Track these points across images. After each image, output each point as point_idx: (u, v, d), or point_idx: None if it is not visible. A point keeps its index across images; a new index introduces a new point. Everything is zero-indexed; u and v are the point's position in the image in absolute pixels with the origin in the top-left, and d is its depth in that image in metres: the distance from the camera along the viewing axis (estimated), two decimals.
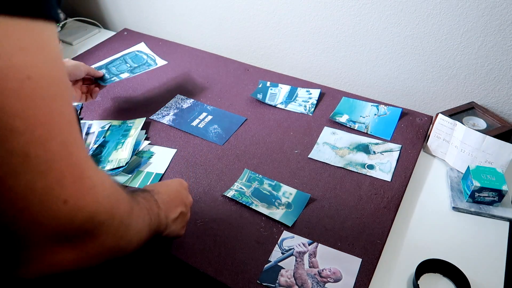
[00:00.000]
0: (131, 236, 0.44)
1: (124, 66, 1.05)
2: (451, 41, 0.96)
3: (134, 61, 1.06)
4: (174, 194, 0.64)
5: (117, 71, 1.04)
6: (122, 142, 0.96)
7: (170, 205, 0.62)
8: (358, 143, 0.96)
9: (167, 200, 0.61)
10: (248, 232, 0.77)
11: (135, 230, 0.45)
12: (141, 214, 0.48)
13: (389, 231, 0.77)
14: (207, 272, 0.70)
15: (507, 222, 0.80)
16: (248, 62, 1.29)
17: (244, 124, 1.03)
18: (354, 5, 1.03)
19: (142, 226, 0.48)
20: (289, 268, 0.70)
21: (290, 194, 0.84)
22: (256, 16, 1.21)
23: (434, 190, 0.87)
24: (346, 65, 1.15)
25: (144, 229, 0.48)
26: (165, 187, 0.64)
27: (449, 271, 0.70)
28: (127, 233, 0.43)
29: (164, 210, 0.59)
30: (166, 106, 1.10)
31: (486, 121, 0.94)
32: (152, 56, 1.10)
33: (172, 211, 0.62)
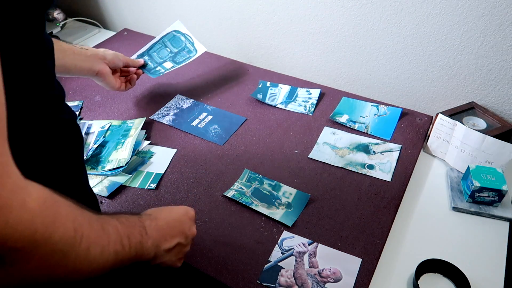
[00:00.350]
0: (77, 265, 0.40)
1: (165, 51, 1.04)
2: (451, 41, 0.96)
3: (173, 44, 1.05)
4: (174, 222, 0.60)
5: (159, 57, 1.03)
6: (122, 142, 0.96)
7: (165, 234, 0.57)
8: (358, 143, 0.96)
9: (164, 228, 0.57)
10: (248, 232, 0.77)
11: (85, 258, 0.41)
12: (101, 242, 0.43)
13: (389, 231, 0.77)
14: (207, 272, 0.70)
15: (507, 222, 0.80)
16: (248, 62, 1.29)
17: (244, 124, 1.03)
18: (354, 5, 1.03)
19: (99, 254, 0.43)
20: (289, 268, 0.70)
21: (290, 194, 0.84)
22: (256, 16, 1.21)
23: (434, 190, 0.87)
24: (346, 65, 1.15)
25: (105, 257, 0.44)
26: (165, 213, 0.61)
27: (449, 271, 0.70)
28: (67, 261, 0.39)
29: (155, 238, 0.54)
30: (166, 106, 1.10)
31: (486, 121, 0.94)
32: (190, 38, 1.06)
33: (167, 241, 0.57)
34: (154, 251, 0.54)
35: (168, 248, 0.58)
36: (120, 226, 0.48)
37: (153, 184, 0.87)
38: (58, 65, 0.81)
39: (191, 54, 1.04)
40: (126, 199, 0.84)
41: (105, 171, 0.89)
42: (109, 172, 0.89)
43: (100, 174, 0.89)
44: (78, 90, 1.17)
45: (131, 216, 0.53)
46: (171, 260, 0.60)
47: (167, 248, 0.57)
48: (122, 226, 0.48)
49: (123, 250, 0.47)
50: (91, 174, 0.89)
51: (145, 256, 0.53)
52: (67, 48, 0.86)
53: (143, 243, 0.52)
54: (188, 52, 1.04)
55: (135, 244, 0.49)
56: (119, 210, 0.82)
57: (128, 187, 0.87)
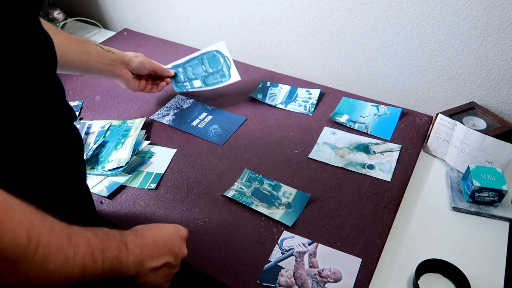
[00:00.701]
0: (32, 274, 0.38)
1: (200, 69, 1.00)
2: (451, 41, 0.96)
3: (210, 63, 1.01)
4: (162, 240, 0.57)
5: (192, 74, 1.01)
6: (122, 142, 0.96)
7: (151, 252, 0.55)
8: (358, 143, 0.96)
9: (150, 246, 0.55)
10: (248, 232, 0.77)
11: (41, 268, 0.39)
12: (64, 252, 0.41)
13: (389, 231, 0.77)
14: (207, 272, 0.70)
15: (507, 222, 0.80)
16: (248, 62, 1.29)
17: (244, 124, 1.03)
18: (354, 5, 1.03)
19: (61, 265, 0.41)
20: (289, 268, 0.70)
21: (290, 194, 0.84)
22: (256, 16, 1.21)
23: (434, 190, 0.87)
24: (346, 65, 1.15)
25: (69, 269, 0.42)
26: (154, 230, 0.58)
27: (449, 271, 0.70)
28: (19, 269, 0.37)
29: (138, 255, 0.52)
30: (166, 106, 1.10)
31: (486, 121, 0.94)
32: (229, 62, 1.02)
33: (153, 259, 0.54)
34: (136, 269, 0.52)
35: (154, 267, 0.55)
36: (94, 238, 0.46)
37: (153, 184, 0.87)
38: (81, 66, 0.84)
39: (223, 78, 0.99)
40: (126, 199, 0.84)
41: (105, 171, 0.89)
42: (109, 172, 0.89)
43: (100, 174, 0.89)
44: (78, 90, 1.17)
45: (112, 230, 0.51)
46: (156, 280, 0.57)
47: (152, 267, 0.55)
48: (97, 239, 0.46)
49: (94, 264, 0.45)
50: (91, 174, 0.89)
51: (124, 272, 0.50)
52: (92, 50, 0.87)
53: (122, 259, 0.49)
54: (222, 76, 0.99)
55: (110, 258, 0.47)
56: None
57: (128, 187, 0.87)
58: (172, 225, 0.62)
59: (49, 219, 0.41)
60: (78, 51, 0.84)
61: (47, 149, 0.55)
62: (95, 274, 0.45)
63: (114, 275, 0.49)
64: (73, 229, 0.44)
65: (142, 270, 0.53)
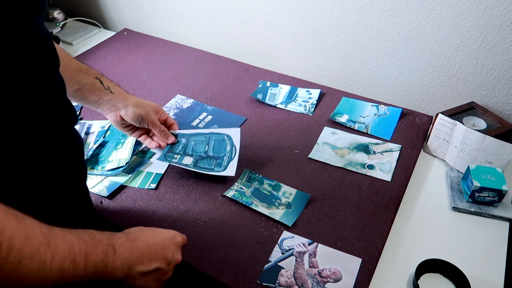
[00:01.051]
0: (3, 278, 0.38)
1: (201, 148, 0.91)
2: (451, 41, 0.96)
3: (215, 147, 0.92)
4: (155, 246, 0.57)
5: (191, 150, 0.91)
6: (122, 142, 0.96)
7: (142, 256, 0.54)
8: (358, 143, 0.96)
9: (142, 250, 0.55)
10: (248, 232, 0.77)
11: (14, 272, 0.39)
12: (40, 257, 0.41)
13: (389, 231, 0.77)
14: (207, 272, 0.70)
15: (507, 222, 0.80)
16: (248, 62, 1.29)
17: (244, 124, 1.03)
18: (354, 5, 1.03)
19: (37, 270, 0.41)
20: (289, 268, 0.70)
21: (290, 194, 0.84)
22: (256, 16, 1.21)
23: (434, 190, 0.87)
24: (346, 65, 1.15)
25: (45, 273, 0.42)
26: (148, 235, 0.58)
27: (449, 271, 0.70)
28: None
29: (126, 259, 0.52)
30: (166, 106, 1.10)
31: (486, 121, 0.94)
32: (233, 154, 0.90)
33: (143, 263, 0.54)
34: (124, 272, 0.52)
35: (144, 272, 0.54)
36: (77, 242, 0.46)
37: (153, 184, 0.87)
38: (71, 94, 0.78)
39: (217, 168, 0.88)
40: (126, 199, 0.84)
41: (105, 171, 0.89)
42: (109, 172, 0.89)
43: (100, 174, 0.89)
44: None
45: (100, 233, 0.51)
46: (146, 285, 0.56)
47: (142, 271, 0.54)
48: (80, 242, 0.46)
49: (75, 268, 0.44)
50: (91, 174, 0.89)
51: (110, 275, 0.50)
52: (86, 84, 0.81)
53: (108, 262, 0.49)
54: (217, 165, 0.88)
55: (94, 262, 0.47)
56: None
57: (128, 187, 0.87)
58: (169, 231, 0.62)
59: (26, 224, 0.41)
60: (70, 80, 0.77)
61: (46, 151, 0.55)
62: (76, 277, 0.45)
63: (100, 278, 0.49)
64: (54, 233, 0.44)
65: (131, 273, 0.53)
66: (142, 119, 0.87)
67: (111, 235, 0.52)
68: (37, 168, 0.54)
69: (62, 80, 0.57)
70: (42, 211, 0.46)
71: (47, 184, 0.57)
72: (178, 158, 0.90)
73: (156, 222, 0.79)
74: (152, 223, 0.79)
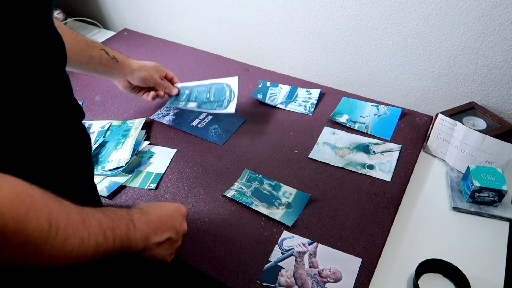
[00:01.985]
0: (53, 255, 0.42)
1: (203, 96, 1.03)
2: (451, 41, 0.96)
3: (215, 93, 1.03)
4: (165, 217, 0.62)
5: (194, 98, 1.03)
6: (122, 142, 0.96)
7: (156, 228, 0.59)
8: (358, 143, 0.96)
9: (154, 222, 0.59)
10: (248, 232, 0.77)
11: (62, 249, 0.42)
12: (80, 234, 0.45)
13: (389, 231, 0.77)
14: (207, 272, 0.70)
15: (507, 222, 0.80)
16: (248, 62, 1.29)
17: (244, 124, 1.03)
18: (354, 5, 1.03)
19: (78, 246, 0.44)
20: (289, 268, 0.70)
21: (290, 194, 0.84)
22: (256, 16, 1.21)
23: (434, 190, 0.87)
24: (346, 65, 1.15)
25: (85, 249, 0.45)
26: (157, 208, 0.63)
27: (449, 271, 0.70)
28: (42, 252, 0.40)
29: (144, 231, 0.56)
30: (166, 106, 1.10)
31: (486, 121, 0.94)
32: (232, 97, 1.01)
33: (157, 234, 0.59)
34: (143, 244, 0.56)
35: (158, 242, 0.59)
36: (104, 219, 0.50)
37: (153, 184, 0.87)
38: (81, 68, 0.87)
39: (219, 108, 0.99)
40: (126, 199, 0.84)
41: (105, 171, 0.89)
42: (109, 172, 0.89)
43: (100, 174, 0.89)
44: (78, 90, 1.17)
45: (119, 209, 0.55)
46: (161, 254, 0.61)
47: (157, 241, 0.59)
48: (107, 219, 0.50)
49: (106, 242, 0.49)
50: None
51: (133, 247, 0.55)
52: (96, 55, 0.88)
53: (130, 235, 0.53)
54: (218, 106, 1.00)
55: (120, 236, 0.51)
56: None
57: (128, 187, 0.87)
58: (173, 204, 0.66)
59: (65, 205, 0.45)
60: (81, 55, 0.86)
61: (55, 147, 0.55)
62: (107, 251, 0.49)
63: (124, 250, 0.53)
64: (86, 212, 0.48)
65: (148, 244, 0.58)
66: (147, 81, 0.99)
67: (128, 211, 0.57)
68: (47, 164, 0.55)
69: (68, 78, 0.57)
70: None
71: (57, 178, 0.57)
72: (183, 104, 1.03)
73: None
74: None
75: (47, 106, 0.52)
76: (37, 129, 0.52)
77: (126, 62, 0.95)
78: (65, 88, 0.57)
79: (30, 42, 0.46)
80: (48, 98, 0.52)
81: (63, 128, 0.56)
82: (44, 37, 0.49)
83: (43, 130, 0.53)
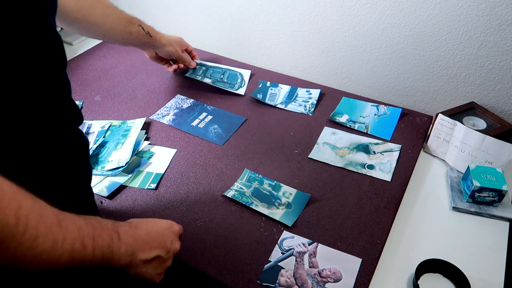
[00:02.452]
0: (20, 254, 0.40)
1: (218, 76, 1.18)
2: (451, 41, 0.96)
3: (229, 77, 1.18)
4: (155, 234, 0.59)
5: (210, 75, 1.18)
6: (122, 142, 0.96)
7: (144, 244, 0.56)
8: (358, 143, 0.96)
9: (143, 238, 0.57)
10: (248, 232, 0.77)
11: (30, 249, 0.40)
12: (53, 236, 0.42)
13: (389, 231, 0.77)
14: (207, 272, 0.70)
15: (507, 222, 0.80)
16: (248, 62, 1.29)
17: (244, 124, 1.03)
18: (354, 5, 1.03)
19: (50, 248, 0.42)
20: (289, 268, 0.70)
21: (290, 194, 0.84)
22: (256, 16, 1.21)
23: (434, 190, 0.87)
24: (346, 65, 1.15)
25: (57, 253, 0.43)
26: (148, 224, 0.60)
27: (449, 271, 0.70)
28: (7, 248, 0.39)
29: (130, 246, 0.54)
30: (166, 106, 1.10)
31: (486, 121, 0.94)
32: (243, 83, 1.17)
33: (145, 251, 0.56)
34: (128, 259, 0.53)
35: (146, 259, 0.56)
36: (85, 226, 0.47)
37: (153, 184, 0.87)
38: (122, 42, 1.03)
39: (230, 88, 1.14)
40: (126, 199, 0.84)
41: (105, 171, 0.89)
42: (109, 172, 0.89)
43: (100, 174, 0.89)
44: (78, 90, 1.17)
45: (105, 219, 0.52)
46: (148, 273, 0.58)
47: (144, 259, 0.56)
48: (88, 226, 0.48)
49: (84, 250, 0.46)
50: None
51: (116, 261, 0.52)
52: (135, 31, 1.00)
53: (114, 248, 0.51)
54: (230, 87, 1.15)
55: (101, 246, 0.48)
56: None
57: (128, 187, 0.87)
58: (166, 221, 0.64)
59: (40, 203, 0.42)
60: (123, 31, 0.98)
61: (49, 150, 0.55)
62: (85, 260, 0.46)
63: (106, 263, 0.50)
64: (64, 215, 0.45)
65: (134, 261, 0.55)
66: (172, 55, 1.12)
67: (114, 222, 0.54)
68: (41, 168, 0.54)
69: (66, 80, 0.57)
70: None
71: (51, 183, 0.57)
72: (200, 78, 1.17)
73: None
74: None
75: (42, 108, 0.51)
76: (32, 131, 0.51)
77: (157, 37, 1.06)
78: (62, 91, 0.56)
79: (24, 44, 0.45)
80: (44, 101, 0.51)
81: (58, 131, 0.55)
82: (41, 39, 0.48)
83: (38, 132, 0.52)
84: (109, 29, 0.95)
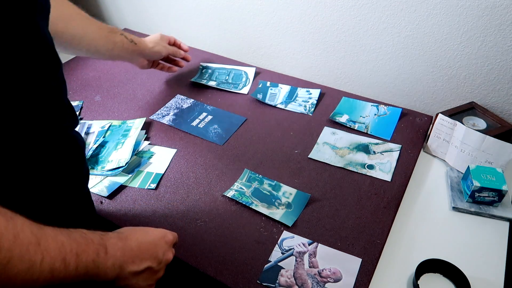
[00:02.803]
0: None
1: (223, 77, 1.19)
2: (451, 41, 0.96)
3: (234, 77, 1.19)
4: (146, 245, 0.57)
5: (215, 78, 1.19)
6: (122, 142, 0.96)
7: (133, 256, 0.54)
8: (358, 143, 0.96)
9: (133, 249, 0.55)
10: (248, 232, 0.77)
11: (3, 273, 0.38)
12: (29, 257, 0.40)
13: (389, 231, 0.77)
14: (207, 272, 0.70)
15: (507, 222, 0.80)
16: (248, 62, 1.29)
17: (244, 124, 1.03)
18: (354, 5, 1.03)
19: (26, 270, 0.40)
20: (289, 268, 0.70)
21: (290, 194, 0.84)
22: (256, 16, 1.21)
23: (434, 190, 0.87)
24: (346, 65, 1.15)
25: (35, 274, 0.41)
26: (140, 234, 0.58)
27: (449, 271, 0.70)
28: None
29: (118, 259, 0.52)
30: (166, 106, 1.10)
31: (486, 121, 0.94)
32: (248, 82, 1.18)
33: (134, 263, 0.54)
34: (115, 272, 0.52)
35: (135, 271, 0.54)
36: (68, 242, 0.45)
37: (153, 184, 0.87)
38: (107, 54, 0.98)
39: (234, 88, 1.16)
40: (126, 199, 0.84)
41: (105, 171, 0.89)
42: (109, 172, 0.89)
43: (100, 174, 0.89)
44: (78, 90, 1.17)
45: (91, 232, 0.50)
46: (138, 284, 0.56)
47: (134, 271, 0.54)
48: (72, 242, 0.46)
49: (66, 268, 0.44)
50: (91, 174, 0.89)
51: (101, 275, 0.50)
52: (118, 41, 0.96)
53: (99, 263, 0.49)
54: (234, 87, 1.16)
55: (85, 262, 0.47)
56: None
57: (128, 187, 0.87)
58: (159, 230, 0.62)
59: (15, 223, 0.40)
60: (106, 41, 0.94)
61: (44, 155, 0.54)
62: (66, 277, 0.45)
63: (91, 278, 0.48)
64: (45, 233, 0.43)
65: (123, 273, 0.53)
66: (162, 52, 1.07)
67: (102, 235, 0.52)
68: (35, 172, 0.54)
69: (59, 82, 0.56)
70: (41, 214, 0.45)
71: (45, 187, 0.56)
72: (205, 81, 1.18)
73: (156, 222, 0.79)
74: (152, 223, 0.79)
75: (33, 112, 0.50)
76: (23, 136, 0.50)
77: (142, 42, 1.03)
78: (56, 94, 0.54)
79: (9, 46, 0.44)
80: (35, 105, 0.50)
81: (51, 136, 0.55)
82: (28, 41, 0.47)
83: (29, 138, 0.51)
84: (91, 40, 0.91)
